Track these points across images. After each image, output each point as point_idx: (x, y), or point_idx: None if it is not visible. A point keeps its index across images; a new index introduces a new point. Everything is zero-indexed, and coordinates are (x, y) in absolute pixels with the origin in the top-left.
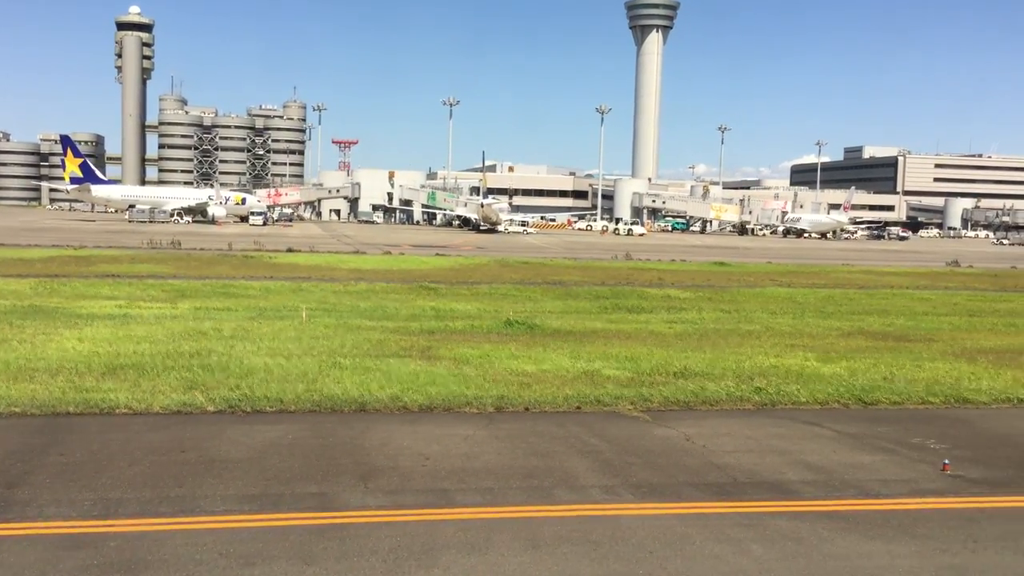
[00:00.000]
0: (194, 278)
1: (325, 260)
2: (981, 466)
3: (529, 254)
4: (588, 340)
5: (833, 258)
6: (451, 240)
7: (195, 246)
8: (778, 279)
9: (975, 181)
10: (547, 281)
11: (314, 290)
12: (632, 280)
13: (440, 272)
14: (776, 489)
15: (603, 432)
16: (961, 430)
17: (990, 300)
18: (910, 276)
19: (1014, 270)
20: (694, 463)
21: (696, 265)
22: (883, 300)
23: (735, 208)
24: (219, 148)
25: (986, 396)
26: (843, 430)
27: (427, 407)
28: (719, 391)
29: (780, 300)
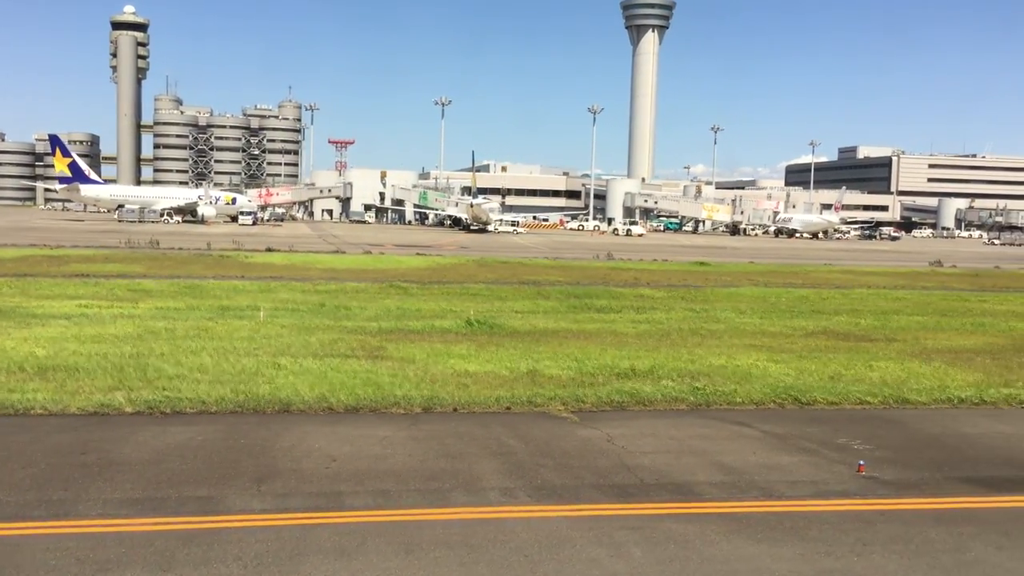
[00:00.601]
0: (164, 278)
1: (302, 260)
2: (899, 467)
3: (511, 254)
4: (545, 340)
5: (818, 258)
6: (438, 240)
7: (173, 245)
8: (756, 279)
9: (969, 181)
10: (522, 281)
11: (282, 290)
12: (608, 280)
13: (415, 272)
14: (680, 491)
15: (525, 433)
16: (892, 431)
17: (964, 300)
18: (890, 276)
19: (996, 270)
20: (606, 464)
21: (677, 265)
22: (856, 300)
23: (727, 208)
24: (214, 148)
25: (926, 396)
26: (771, 431)
27: (353, 408)
28: (656, 392)
29: (752, 300)
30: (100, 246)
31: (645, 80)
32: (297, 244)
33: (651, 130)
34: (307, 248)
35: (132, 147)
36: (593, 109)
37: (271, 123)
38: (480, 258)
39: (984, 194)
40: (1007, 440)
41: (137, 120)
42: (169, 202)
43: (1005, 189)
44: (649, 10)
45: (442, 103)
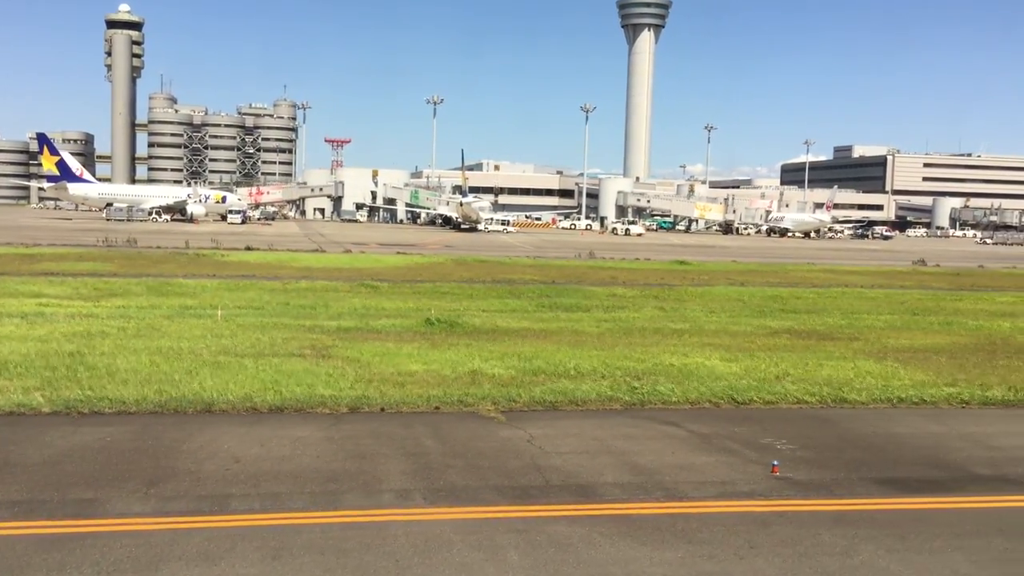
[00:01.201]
0: (133, 276)
1: (278, 258)
2: (815, 468)
3: (495, 253)
4: (502, 339)
5: (803, 257)
6: (425, 239)
7: (152, 244)
8: (734, 278)
9: (964, 180)
10: (496, 280)
11: (250, 288)
12: (584, 279)
13: (391, 270)
14: (582, 492)
15: (446, 434)
16: (821, 430)
17: (939, 299)
18: (870, 275)
19: (980, 269)
20: (517, 465)
21: (657, 264)
22: (830, 299)
23: (719, 207)
24: (209, 147)
25: (866, 396)
26: (698, 430)
27: (278, 408)
28: (591, 391)
29: (725, 299)
30: (77, 244)
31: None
32: (279, 243)
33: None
34: (287, 247)
35: (127, 146)
36: (586, 108)
37: (266, 122)
38: (460, 257)
39: (979, 193)
40: (936, 440)
41: (132, 119)
42: (158, 201)
43: (1000, 188)
44: (645, 9)
45: (434, 102)
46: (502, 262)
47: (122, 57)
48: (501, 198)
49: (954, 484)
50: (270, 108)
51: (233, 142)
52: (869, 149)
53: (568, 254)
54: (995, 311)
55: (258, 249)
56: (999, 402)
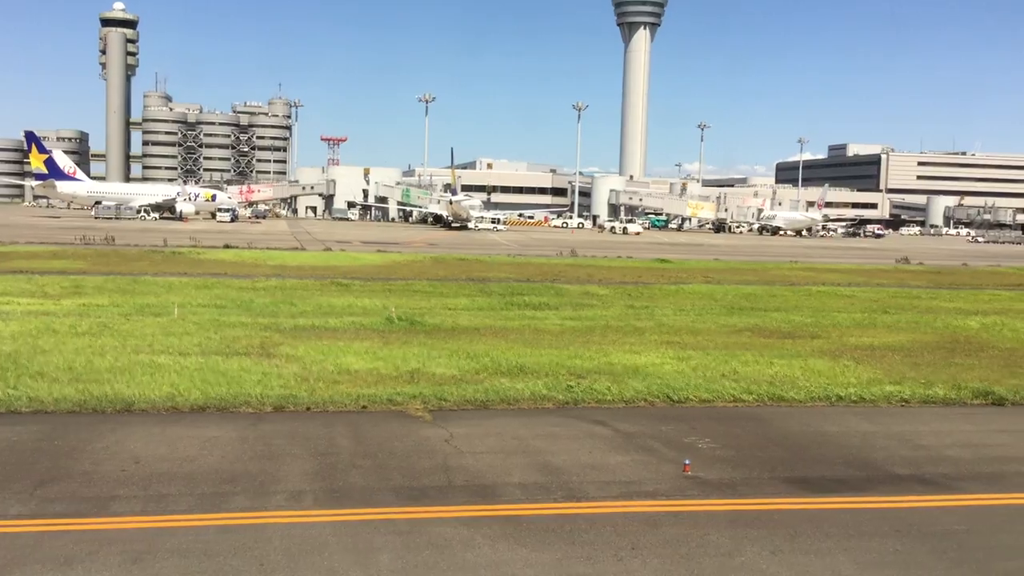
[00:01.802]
0: (103, 274)
1: (254, 256)
2: (731, 467)
3: (478, 251)
4: (457, 337)
5: (789, 255)
6: (411, 237)
7: (130, 242)
8: (711, 276)
9: (958, 179)
10: (471, 278)
11: (218, 286)
12: (560, 277)
13: (366, 268)
14: (483, 493)
15: (365, 433)
16: (750, 429)
17: (914, 297)
18: (850, 273)
19: (963, 267)
20: (426, 465)
21: (638, 262)
22: (803, 297)
23: (711, 206)
24: (203, 145)
25: (805, 394)
26: (625, 429)
27: (201, 407)
28: (526, 390)
29: (697, 297)
30: (54, 242)
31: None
32: (262, 241)
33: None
34: (267, 245)
35: (121, 144)
36: (578, 106)
37: (261, 120)
38: (440, 255)
39: (973, 192)
40: (863, 439)
41: (126, 117)
42: (147, 199)
43: (994, 187)
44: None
45: (426, 100)
46: (481, 260)
47: (116, 55)
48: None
49: (866, 484)
50: (265, 106)
51: (228, 140)
52: (864, 148)
53: (552, 252)
54: (968, 309)
55: (237, 247)
56: (940, 401)
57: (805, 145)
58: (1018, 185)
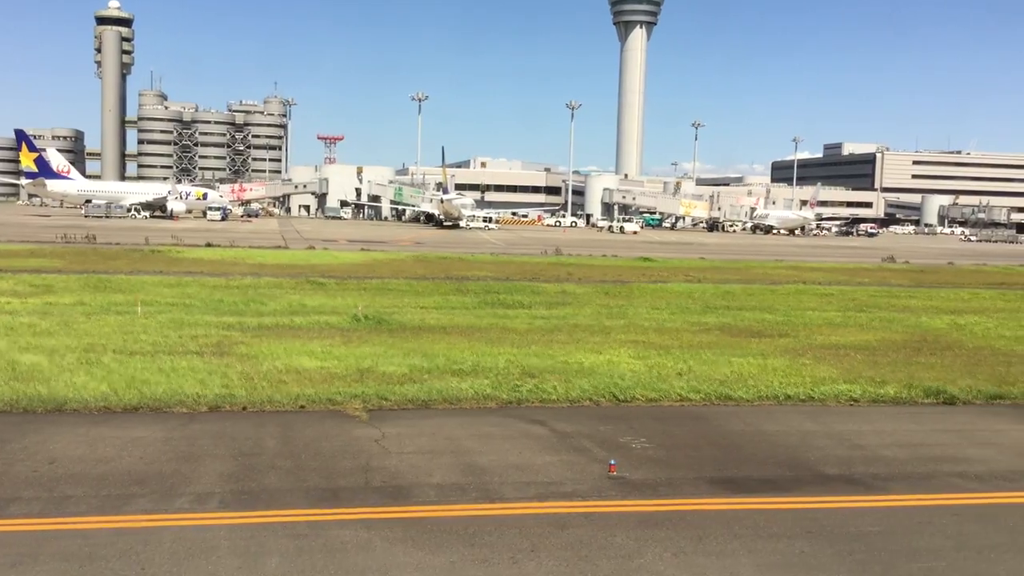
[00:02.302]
0: (78, 273)
1: (235, 255)
2: (659, 467)
3: (463, 249)
4: (420, 336)
5: (776, 253)
6: (400, 236)
7: (111, 240)
8: (693, 275)
9: (953, 178)
10: (450, 276)
11: (191, 285)
12: (539, 276)
13: (345, 267)
14: (397, 494)
15: (295, 434)
16: (690, 428)
17: (893, 296)
18: (834, 272)
19: (949, 266)
20: (347, 466)
21: (621, 261)
22: (781, 296)
23: (704, 204)
24: (199, 143)
25: (752, 393)
26: (563, 429)
27: (134, 407)
28: (470, 390)
29: (674, 296)
30: (36, 241)
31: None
32: (247, 240)
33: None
34: (251, 244)
35: (116, 143)
36: (571, 105)
37: (256, 119)
38: (423, 254)
39: (968, 191)
40: (802, 439)
41: (122, 115)
42: (137, 198)
43: (989, 186)
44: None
45: (419, 98)
46: (463, 258)
47: (112, 54)
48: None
49: (791, 484)
50: (261, 105)
51: (223, 139)
52: (859, 147)
53: (538, 251)
54: (943, 307)
55: (218, 246)
56: (890, 400)
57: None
58: (1013, 184)
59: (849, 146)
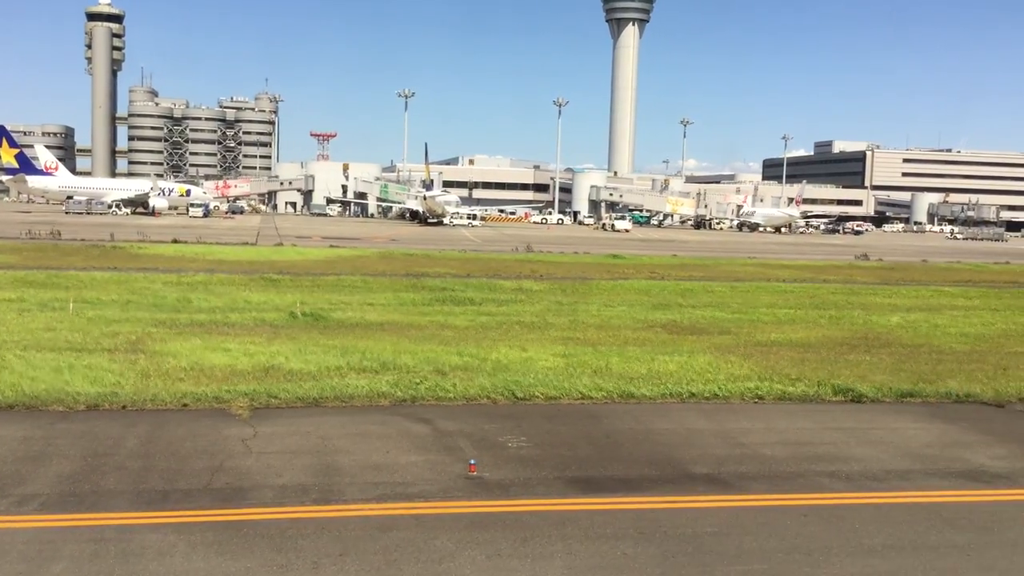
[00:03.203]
0: (29, 269)
1: (197, 251)
2: (522, 467)
3: (435, 246)
4: (352, 333)
5: (752, 251)
6: (379, 232)
7: (76, 236)
8: (659, 272)
9: (943, 176)
10: (411, 273)
11: (141, 281)
12: (501, 272)
13: (307, 264)
14: (232, 496)
15: (162, 433)
16: (576, 427)
17: (854, 294)
18: (802, 269)
19: (923, 264)
20: (199, 467)
21: (590, 258)
22: (740, 293)
23: (691, 202)
24: (189, 140)
25: (657, 391)
26: (445, 428)
27: (10, 405)
28: (365, 387)
29: (632, 293)
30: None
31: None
32: (218, 236)
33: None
34: (220, 240)
35: (107, 139)
36: (558, 102)
37: (247, 115)
38: (390, 251)
39: (958, 188)
40: (686, 437)
41: (112, 112)
42: (119, 194)
43: (979, 184)
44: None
45: (405, 95)
46: (430, 255)
47: (102, 50)
48: (476, 192)
49: (650, 483)
50: (251, 102)
51: (214, 135)
52: (850, 144)
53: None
54: (900, 305)
55: (185, 242)
56: (797, 398)
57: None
58: (1002, 182)
59: (840, 144)
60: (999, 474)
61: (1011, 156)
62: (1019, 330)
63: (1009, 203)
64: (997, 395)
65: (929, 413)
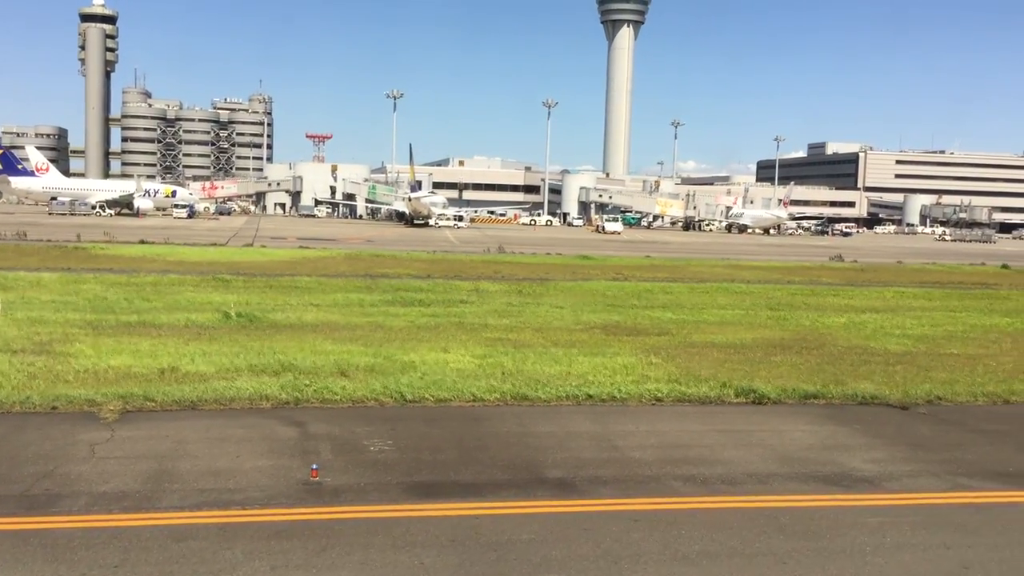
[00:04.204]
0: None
1: (159, 252)
2: (371, 472)
3: (408, 248)
4: (280, 334)
5: (729, 252)
6: (359, 233)
7: (42, 236)
8: (623, 273)
9: (937, 177)
10: (370, 274)
11: (89, 282)
12: (463, 274)
13: (268, 264)
14: (38, 503)
15: (12, 438)
16: (456, 430)
17: (815, 295)
18: (769, 271)
19: (897, 265)
20: (24, 473)
21: (559, 259)
22: (698, 294)
23: (680, 203)
24: (183, 141)
25: (552, 393)
26: (315, 431)
27: None
28: (249, 389)
29: (586, 294)
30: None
31: (620, 75)
32: (188, 237)
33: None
34: (187, 241)
35: (100, 141)
36: (548, 103)
37: (241, 116)
38: (358, 251)
39: (951, 190)
40: (562, 440)
41: (105, 113)
42: (104, 195)
43: (972, 185)
44: (625, 4)
45: (394, 96)
46: (396, 256)
47: (96, 51)
48: (466, 194)
49: (491, 489)
50: (245, 103)
51: (207, 137)
52: (843, 146)
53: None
54: (855, 306)
55: (152, 243)
56: (697, 399)
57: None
58: (996, 184)
59: (833, 145)
60: (865, 478)
61: (1005, 158)
62: (964, 331)
63: (1002, 205)
64: (906, 397)
65: (827, 415)
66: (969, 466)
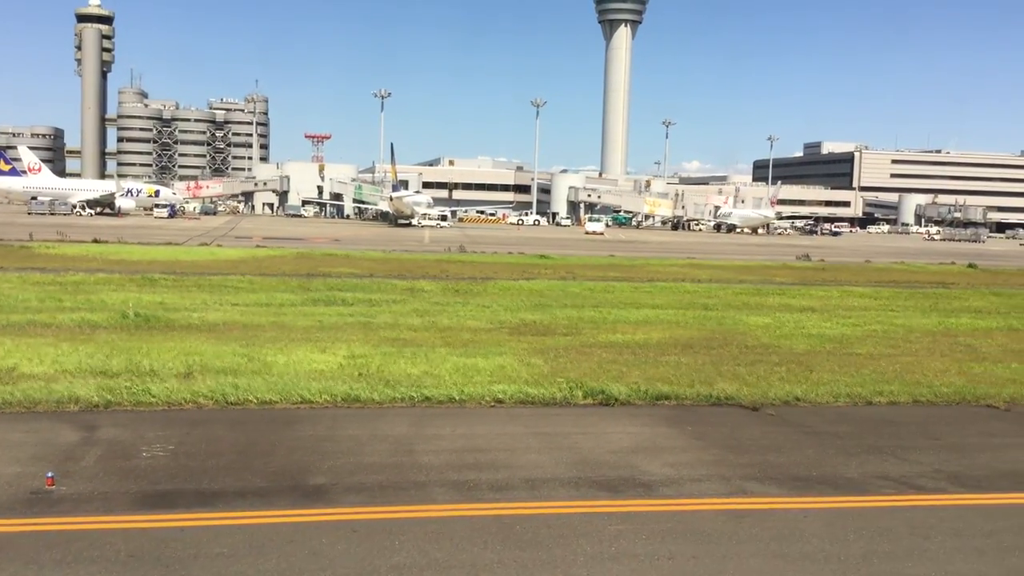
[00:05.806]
0: None
1: (105, 251)
2: (125, 480)
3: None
4: (172, 335)
5: (700, 251)
6: (333, 233)
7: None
8: (574, 272)
9: (932, 177)
10: (313, 274)
11: (10, 281)
12: (408, 273)
13: (211, 264)
14: None
15: None
16: (248, 435)
17: (756, 294)
18: (727, 270)
19: (863, 264)
20: None
21: (517, 258)
22: (640, 293)
23: (668, 203)
24: (179, 141)
25: (388, 394)
26: (102, 436)
27: None
28: (59, 390)
29: (523, 293)
30: None
31: (618, 75)
32: (148, 236)
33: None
34: (145, 239)
35: (96, 141)
36: (536, 103)
37: (237, 116)
38: (310, 251)
39: (947, 190)
40: (360, 444)
41: (101, 113)
42: (85, 195)
43: (968, 185)
44: (622, 4)
45: (382, 95)
46: (349, 256)
47: (92, 51)
48: (456, 193)
49: (237, 497)
50: (241, 103)
51: (203, 137)
52: (839, 146)
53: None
54: (791, 305)
55: (105, 241)
56: (540, 400)
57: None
58: (992, 183)
59: (829, 145)
60: (645, 483)
61: (1000, 157)
62: (885, 331)
63: (998, 204)
64: (763, 398)
65: (668, 417)
66: (769, 470)
